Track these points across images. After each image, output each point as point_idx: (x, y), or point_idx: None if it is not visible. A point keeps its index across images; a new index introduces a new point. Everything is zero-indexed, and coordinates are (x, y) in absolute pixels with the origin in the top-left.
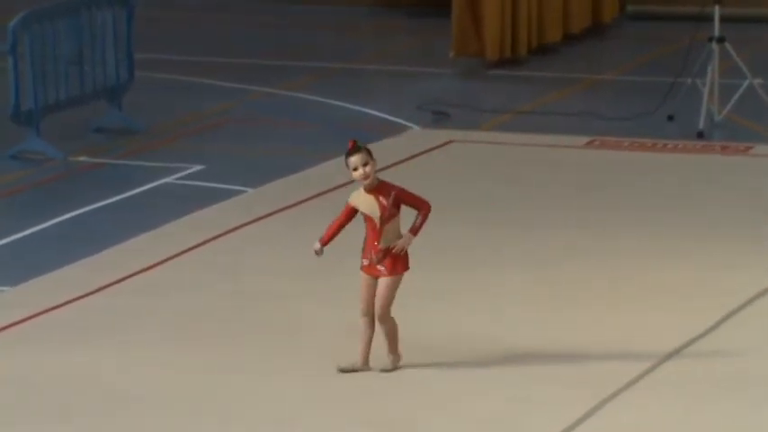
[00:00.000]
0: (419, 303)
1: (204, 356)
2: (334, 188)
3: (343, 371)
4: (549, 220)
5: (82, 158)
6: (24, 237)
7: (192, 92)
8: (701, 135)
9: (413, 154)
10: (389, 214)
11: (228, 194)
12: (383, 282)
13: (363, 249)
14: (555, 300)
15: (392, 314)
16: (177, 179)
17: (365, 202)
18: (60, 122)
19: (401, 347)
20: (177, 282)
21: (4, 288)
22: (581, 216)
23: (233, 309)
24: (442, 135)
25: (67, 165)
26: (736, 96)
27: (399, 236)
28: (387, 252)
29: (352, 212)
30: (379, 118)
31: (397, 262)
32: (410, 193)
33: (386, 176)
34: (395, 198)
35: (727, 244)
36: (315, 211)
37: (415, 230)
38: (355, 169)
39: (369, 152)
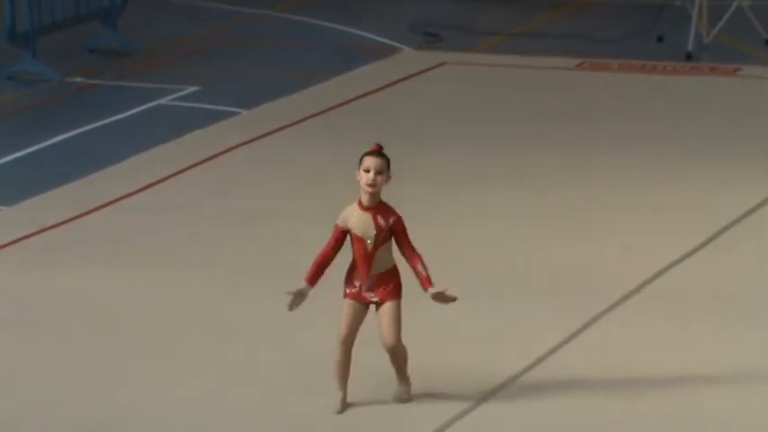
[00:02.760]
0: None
1: (200, 275)
2: (326, 110)
3: (341, 411)
4: (540, 141)
5: (77, 79)
6: (21, 156)
7: (187, 13)
8: (689, 56)
9: (406, 75)
10: (384, 237)
11: (222, 116)
12: (389, 308)
13: (349, 277)
14: (544, 218)
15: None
16: (172, 100)
17: (359, 220)
18: (56, 44)
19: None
20: (172, 201)
21: (3, 207)
22: (571, 137)
23: (227, 228)
24: (434, 57)
25: (63, 85)
26: (725, 18)
27: (391, 265)
28: (379, 280)
29: (342, 237)
30: (373, 40)
31: (393, 285)
32: (406, 234)
33: (380, 98)
34: (393, 224)
35: (716, 163)
36: (307, 133)
37: (429, 281)
38: (367, 171)
39: (388, 164)
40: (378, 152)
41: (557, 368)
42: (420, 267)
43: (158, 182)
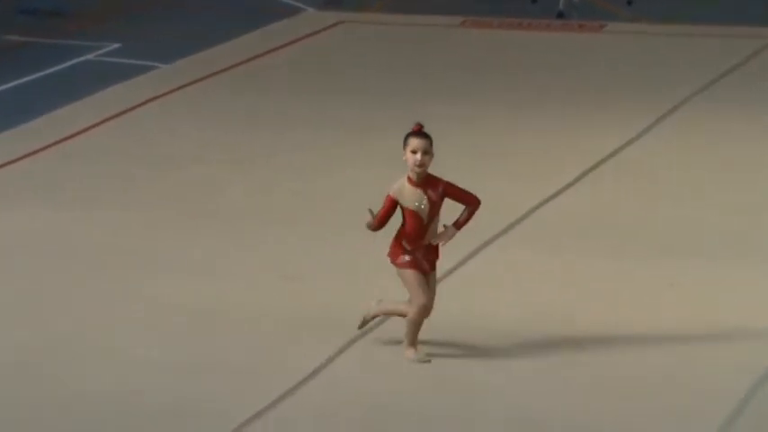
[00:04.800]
0: (309, 167)
1: (131, 214)
2: (239, 63)
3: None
4: (429, 93)
5: (13, 37)
6: None
7: None
8: (560, 15)
9: (306, 34)
10: (437, 210)
11: (143, 70)
12: (433, 277)
13: (397, 245)
14: (433, 162)
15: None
16: (97, 56)
17: (412, 195)
18: None
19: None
20: (98, 148)
21: None
22: (456, 88)
23: (148, 172)
24: (332, 17)
25: None
26: None
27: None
28: (429, 248)
29: (394, 205)
30: (276, 1)
31: (437, 255)
32: (458, 188)
33: (285, 54)
34: (443, 192)
35: (584, 109)
36: (220, 84)
37: (459, 225)
38: (414, 152)
39: (431, 142)
40: (422, 133)
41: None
42: (467, 215)
43: (85, 130)
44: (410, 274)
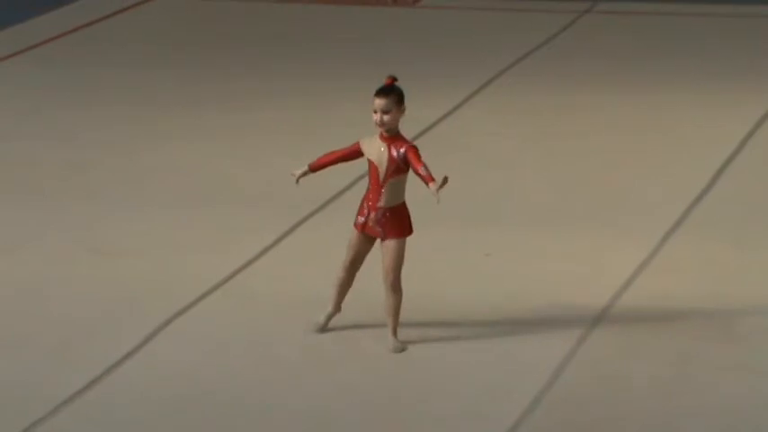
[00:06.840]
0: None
1: None
2: (49, 40)
3: (323, 327)
4: (245, 68)
5: None
6: None
7: None
8: None
9: (122, 8)
10: (395, 168)
11: None
12: (391, 245)
13: (360, 208)
14: (235, 136)
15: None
16: None
17: (375, 148)
18: None
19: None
20: None
21: None
22: (270, 65)
23: None
24: None
25: None
26: None
27: (400, 201)
28: (386, 212)
29: (355, 151)
30: None
31: (403, 223)
32: (416, 156)
33: (104, 27)
34: (404, 154)
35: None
36: (32, 58)
37: (431, 177)
38: (375, 112)
39: (400, 98)
40: (385, 91)
41: (261, 273)
42: (421, 170)
43: None
44: (352, 233)
